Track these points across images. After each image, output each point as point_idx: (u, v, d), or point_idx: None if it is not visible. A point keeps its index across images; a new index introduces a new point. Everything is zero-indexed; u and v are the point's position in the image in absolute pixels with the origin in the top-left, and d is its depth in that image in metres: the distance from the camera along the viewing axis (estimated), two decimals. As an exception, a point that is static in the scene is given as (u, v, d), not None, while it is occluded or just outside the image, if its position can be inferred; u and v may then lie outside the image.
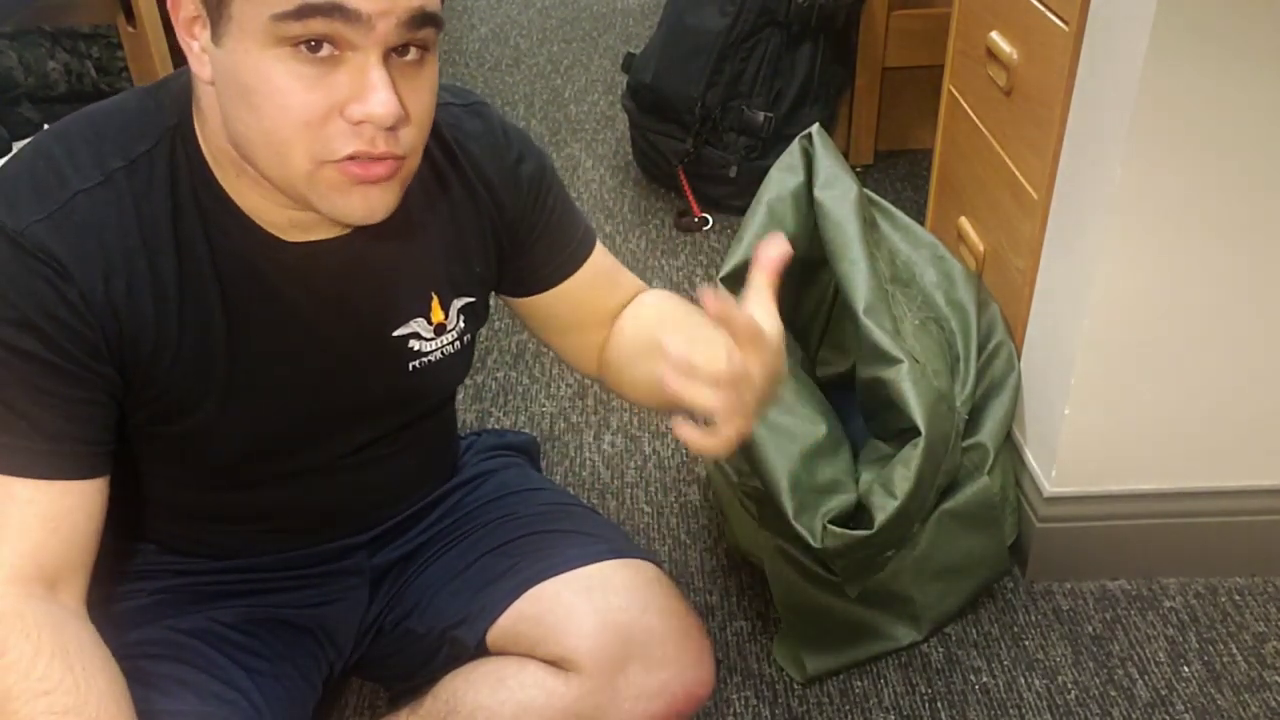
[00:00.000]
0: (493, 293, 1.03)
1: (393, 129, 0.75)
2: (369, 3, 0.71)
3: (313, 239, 0.86)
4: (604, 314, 1.06)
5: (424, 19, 0.74)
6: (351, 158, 0.75)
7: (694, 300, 2.08)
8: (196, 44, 0.76)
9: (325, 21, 0.70)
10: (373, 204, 0.78)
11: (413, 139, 0.78)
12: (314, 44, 0.72)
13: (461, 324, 0.98)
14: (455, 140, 0.94)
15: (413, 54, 0.76)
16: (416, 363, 0.96)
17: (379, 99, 0.73)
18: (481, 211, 0.96)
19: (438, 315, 0.96)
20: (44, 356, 0.77)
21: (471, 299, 0.99)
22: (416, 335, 0.95)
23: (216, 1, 0.73)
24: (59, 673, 0.76)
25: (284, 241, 0.85)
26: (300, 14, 0.70)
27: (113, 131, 0.82)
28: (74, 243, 0.78)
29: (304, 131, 0.74)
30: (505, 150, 0.97)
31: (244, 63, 0.73)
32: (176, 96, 0.83)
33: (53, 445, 0.79)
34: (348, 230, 0.87)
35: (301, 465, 0.96)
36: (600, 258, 1.05)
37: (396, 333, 0.94)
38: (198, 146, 0.82)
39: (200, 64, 0.77)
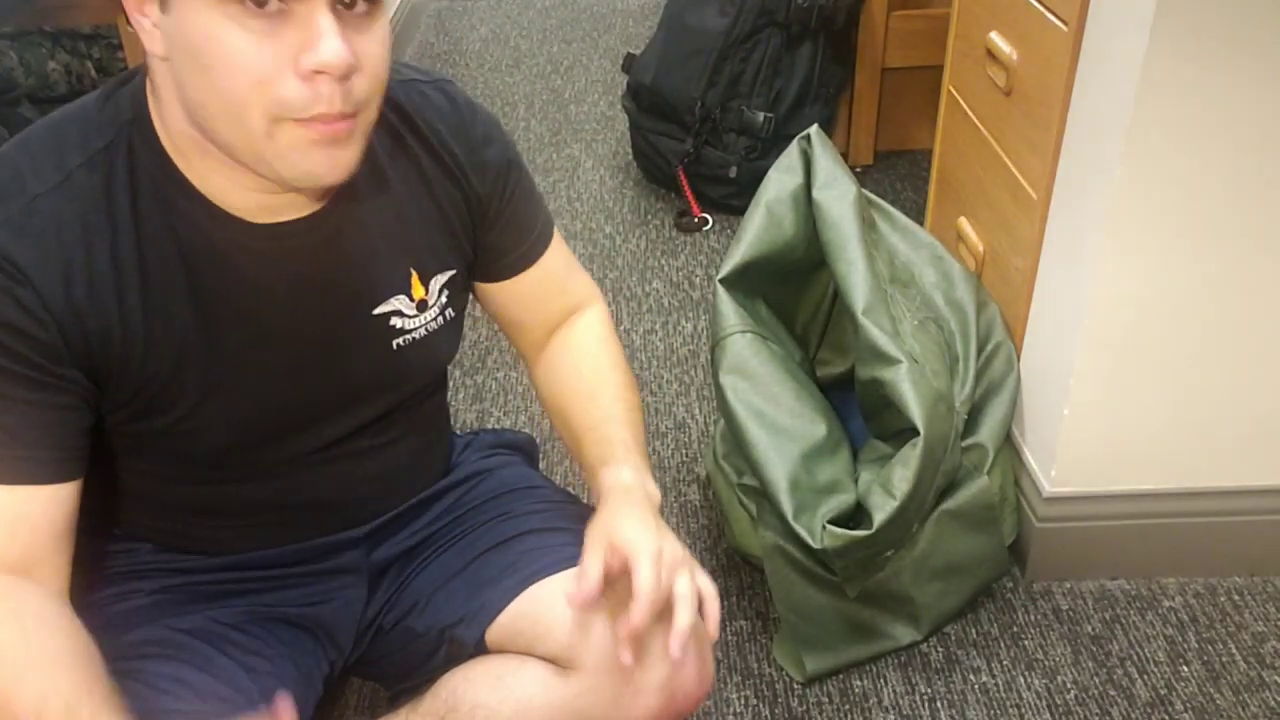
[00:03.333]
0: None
1: (345, 78, 0.75)
2: None
3: (282, 220, 0.86)
4: (548, 314, 1.09)
5: None
6: (315, 119, 0.75)
7: (698, 291, 2.04)
8: (147, 20, 0.76)
9: None
10: (335, 160, 0.78)
11: (366, 90, 0.78)
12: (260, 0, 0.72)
13: (444, 299, 0.98)
14: (421, 115, 0.94)
15: (360, 6, 0.76)
16: (400, 340, 0.96)
17: (330, 46, 0.73)
18: (455, 183, 0.96)
19: (419, 291, 0.95)
20: (3, 363, 0.77)
21: (452, 271, 0.98)
22: (399, 313, 0.94)
23: None
24: (12, 634, 0.77)
25: (252, 225, 0.85)
26: None
27: (71, 133, 0.82)
28: (33, 246, 0.78)
29: (258, 89, 0.74)
30: (470, 128, 0.97)
31: (193, 24, 0.72)
32: (132, 92, 0.83)
33: (14, 451, 0.79)
34: (317, 208, 0.87)
35: (291, 455, 0.96)
36: (553, 260, 1.07)
37: (377, 311, 0.93)
38: (156, 137, 0.82)
39: (152, 39, 0.76)
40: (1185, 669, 1.37)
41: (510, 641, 1.00)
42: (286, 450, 0.95)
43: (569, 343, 1.09)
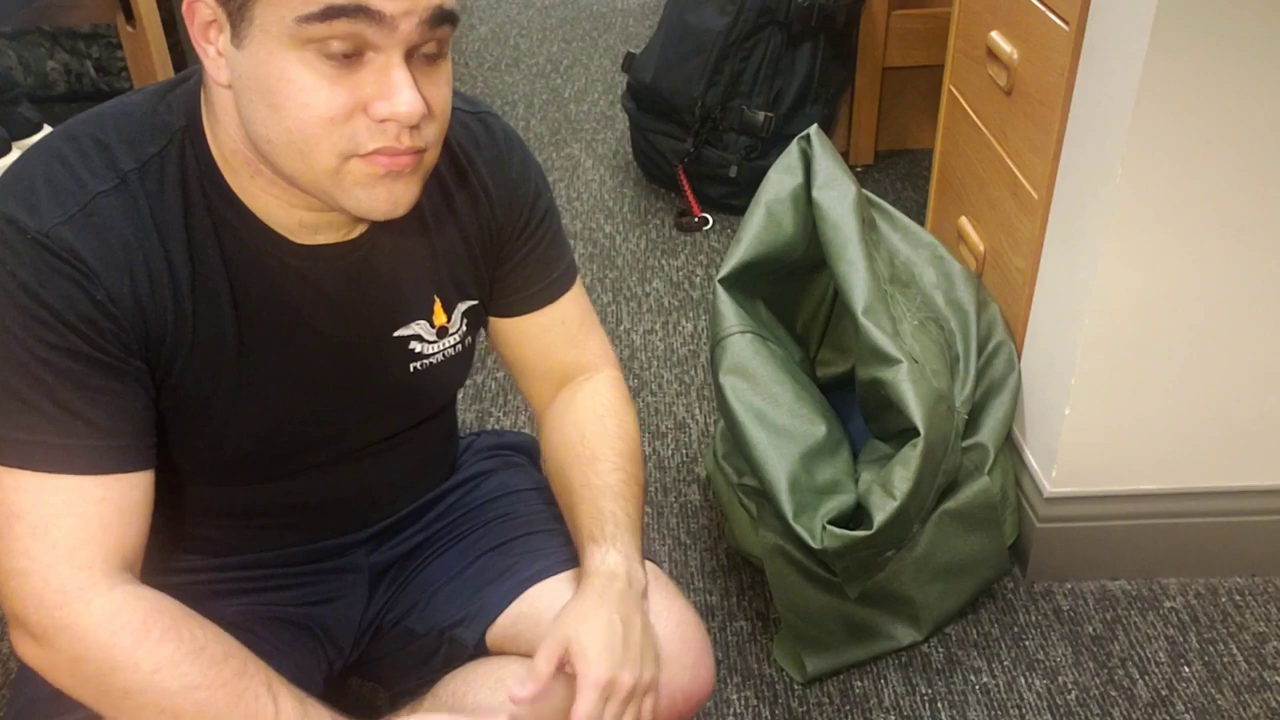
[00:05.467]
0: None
1: (415, 126, 0.77)
2: (392, 3, 0.72)
3: (320, 242, 0.87)
4: (554, 368, 1.07)
5: (443, 17, 0.75)
6: (376, 152, 0.76)
7: (698, 291, 2.04)
8: (213, 48, 0.77)
9: (349, 23, 0.71)
10: (397, 197, 0.80)
11: (434, 133, 0.80)
12: (339, 45, 0.73)
13: (464, 327, 0.99)
14: (460, 145, 0.95)
15: (430, 48, 0.77)
16: (418, 364, 0.96)
17: (404, 98, 0.74)
18: (482, 217, 0.96)
19: (440, 318, 0.96)
20: (88, 353, 0.78)
21: (474, 302, 0.99)
22: (418, 337, 0.95)
23: (238, 6, 0.73)
24: (198, 630, 0.80)
25: (292, 243, 0.86)
26: (325, 15, 0.71)
27: (123, 133, 0.82)
28: (97, 244, 0.78)
29: (328, 128, 0.75)
30: (506, 165, 0.97)
31: (267, 64, 0.73)
32: (184, 98, 0.84)
33: (111, 441, 0.80)
34: (355, 234, 0.88)
35: (304, 464, 0.96)
36: (567, 311, 1.05)
37: (398, 333, 0.94)
38: (207, 148, 0.83)
39: (217, 68, 0.77)
40: (1186, 669, 1.37)
41: (510, 643, 1.00)
42: (300, 459, 0.96)
43: (574, 403, 1.06)
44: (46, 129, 2.46)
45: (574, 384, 1.07)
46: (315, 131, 0.75)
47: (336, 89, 0.74)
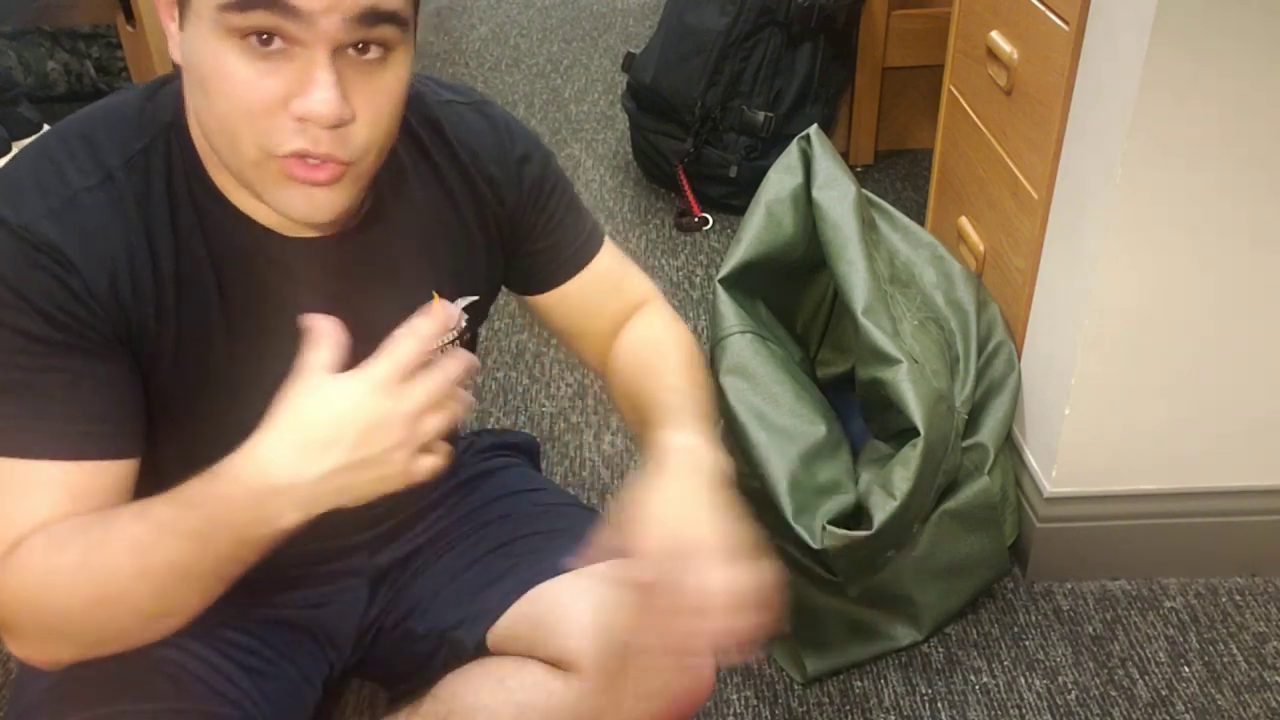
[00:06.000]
0: (500, 288, 1.04)
1: (338, 128, 0.75)
2: (309, 0, 0.70)
3: (309, 235, 0.86)
4: (607, 320, 1.07)
5: (379, 16, 0.73)
6: (296, 155, 0.75)
7: (698, 291, 2.04)
8: (173, 26, 0.77)
9: (267, 15, 0.70)
10: (316, 203, 0.78)
11: (363, 140, 0.77)
12: (265, 37, 0.72)
13: (463, 323, 0.98)
14: (457, 138, 0.94)
15: (373, 52, 0.75)
16: None
17: (320, 97, 0.72)
18: (485, 208, 0.96)
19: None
20: (63, 340, 0.78)
21: (475, 296, 0.99)
22: None
23: None
24: (80, 521, 0.78)
25: (281, 237, 0.85)
26: (242, 6, 0.70)
27: (111, 130, 0.82)
28: (78, 239, 0.78)
29: (250, 121, 0.74)
30: (509, 148, 0.97)
31: (201, 49, 0.73)
32: (172, 94, 0.84)
33: (78, 426, 0.79)
34: (346, 227, 0.88)
35: None
36: (605, 263, 1.05)
37: (394, 331, 0.93)
38: (191, 143, 0.83)
39: (175, 48, 0.78)
40: (1186, 669, 1.37)
41: (510, 644, 1.00)
42: None
43: (630, 331, 1.07)
44: (46, 129, 2.46)
45: (625, 327, 1.07)
46: (238, 123, 0.74)
47: (264, 82, 0.73)
